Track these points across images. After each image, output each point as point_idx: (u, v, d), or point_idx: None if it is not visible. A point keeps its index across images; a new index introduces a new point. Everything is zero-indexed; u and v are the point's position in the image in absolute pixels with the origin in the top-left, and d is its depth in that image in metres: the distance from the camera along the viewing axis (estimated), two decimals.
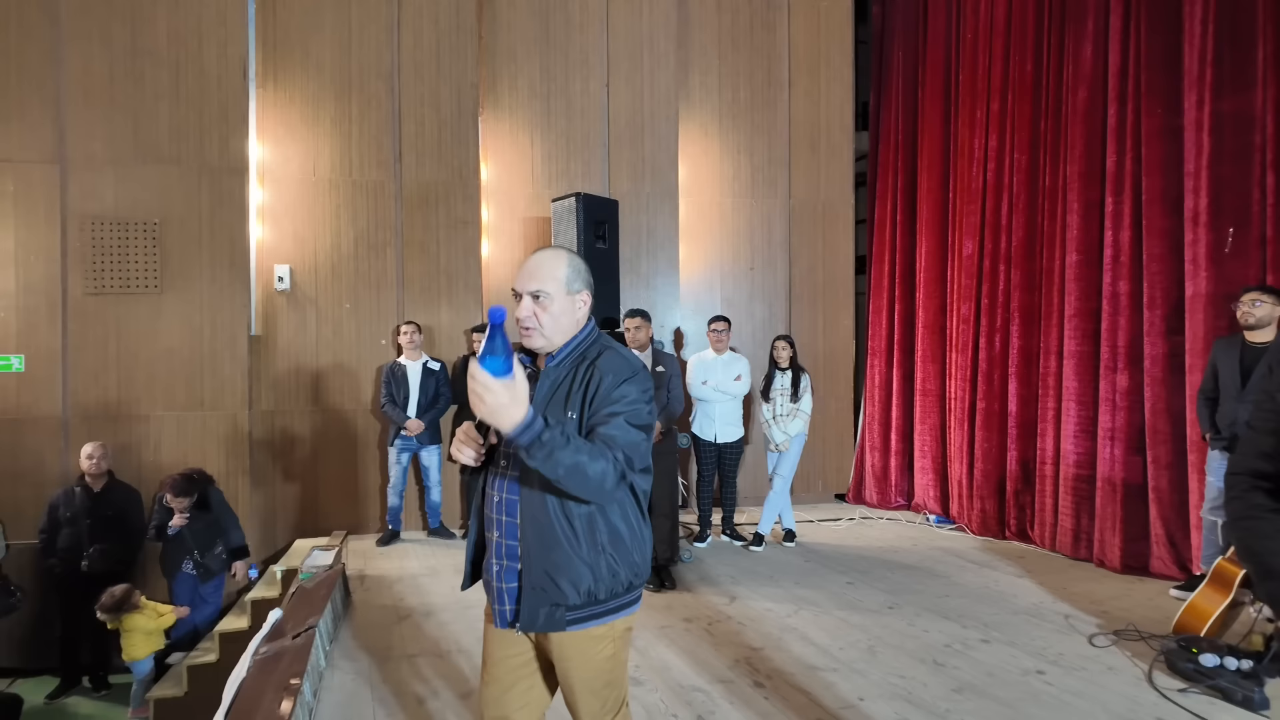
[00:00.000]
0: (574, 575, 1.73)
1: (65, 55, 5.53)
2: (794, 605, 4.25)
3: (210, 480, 5.33)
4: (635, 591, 1.85)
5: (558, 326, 1.79)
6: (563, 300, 1.78)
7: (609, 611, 1.79)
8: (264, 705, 2.77)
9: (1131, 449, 4.87)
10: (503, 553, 1.80)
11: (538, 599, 1.75)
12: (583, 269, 1.85)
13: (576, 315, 1.82)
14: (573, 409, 1.74)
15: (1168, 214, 4.74)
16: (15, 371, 5.47)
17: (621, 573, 1.78)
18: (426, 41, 6.18)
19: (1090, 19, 5.19)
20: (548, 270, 1.78)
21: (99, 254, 5.58)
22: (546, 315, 1.77)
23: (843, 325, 7.21)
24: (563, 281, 1.78)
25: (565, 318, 1.79)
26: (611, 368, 1.75)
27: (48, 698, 5.04)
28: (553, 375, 1.80)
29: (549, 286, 1.77)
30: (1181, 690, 3.14)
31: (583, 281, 1.83)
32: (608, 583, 1.77)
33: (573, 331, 1.82)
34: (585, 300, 1.83)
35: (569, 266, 1.81)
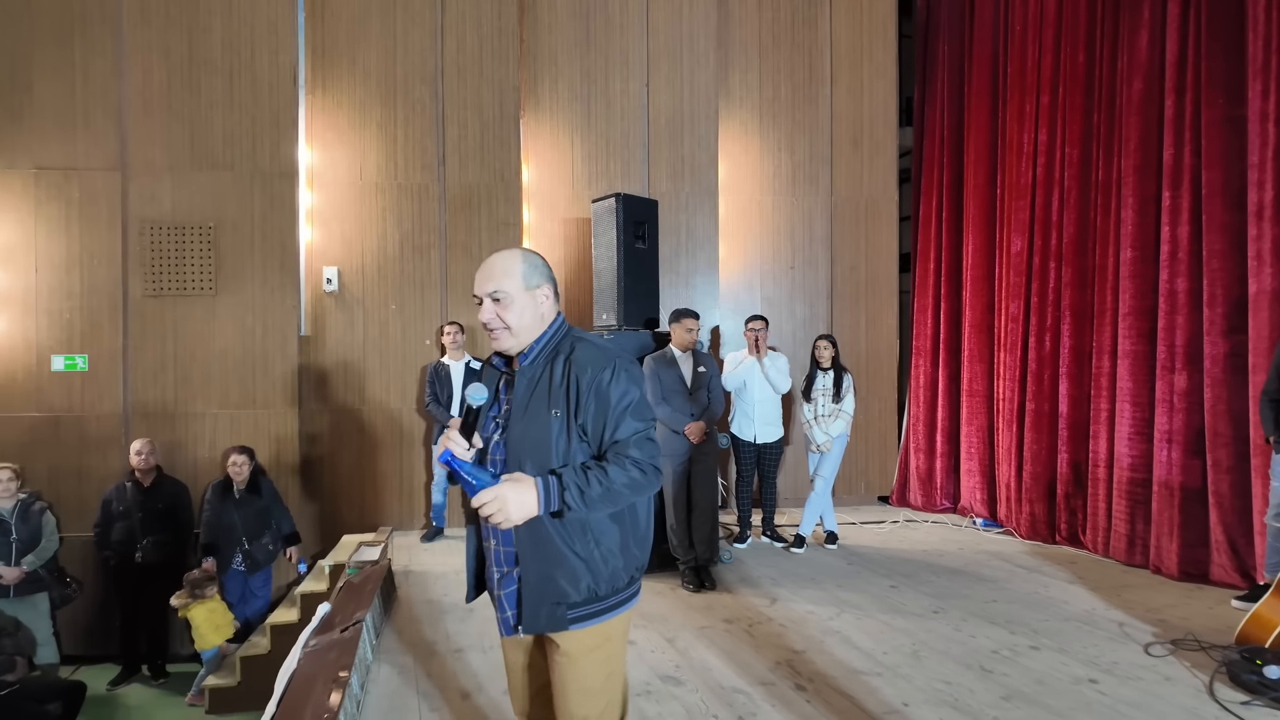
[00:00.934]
0: (571, 573, 1.74)
1: (127, 67, 5.75)
2: (836, 608, 4.20)
3: (262, 469, 5.53)
4: (635, 585, 1.86)
5: (522, 324, 1.80)
6: (522, 297, 1.79)
7: (610, 608, 1.79)
8: (314, 696, 2.84)
9: (1190, 452, 4.69)
10: (501, 559, 1.82)
11: (538, 598, 1.75)
12: (539, 263, 1.84)
13: (540, 310, 1.82)
14: (556, 406, 1.75)
15: (1229, 208, 4.55)
16: (80, 371, 5.71)
17: (620, 567, 1.79)
18: (469, 45, 6.27)
19: (1146, 7, 5.02)
20: (501, 269, 1.80)
21: (157, 257, 5.79)
22: (509, 314, 1.78)
23: (886, 324, 7.10)
24: (519, 278, 1.79)
25: (528, 313, 1.80)
26: (590, 361, 1.75)
27: (109, 685, 5.25)
28: (528, 374, 1.81)
29: (506, 285, 1.78)
30: (1244, 703, 3.01)
31: (541, 275, 1.83)
32: (606, 579, 1.78)
33: (540, 328, 1.83)
34: (547, 294, 1.83)
35: (524, 263, 1.81)
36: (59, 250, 5.70)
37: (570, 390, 1.74)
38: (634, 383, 1.78)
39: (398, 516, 6.19)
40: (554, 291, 1.86)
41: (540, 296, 1.82)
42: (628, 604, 1.84)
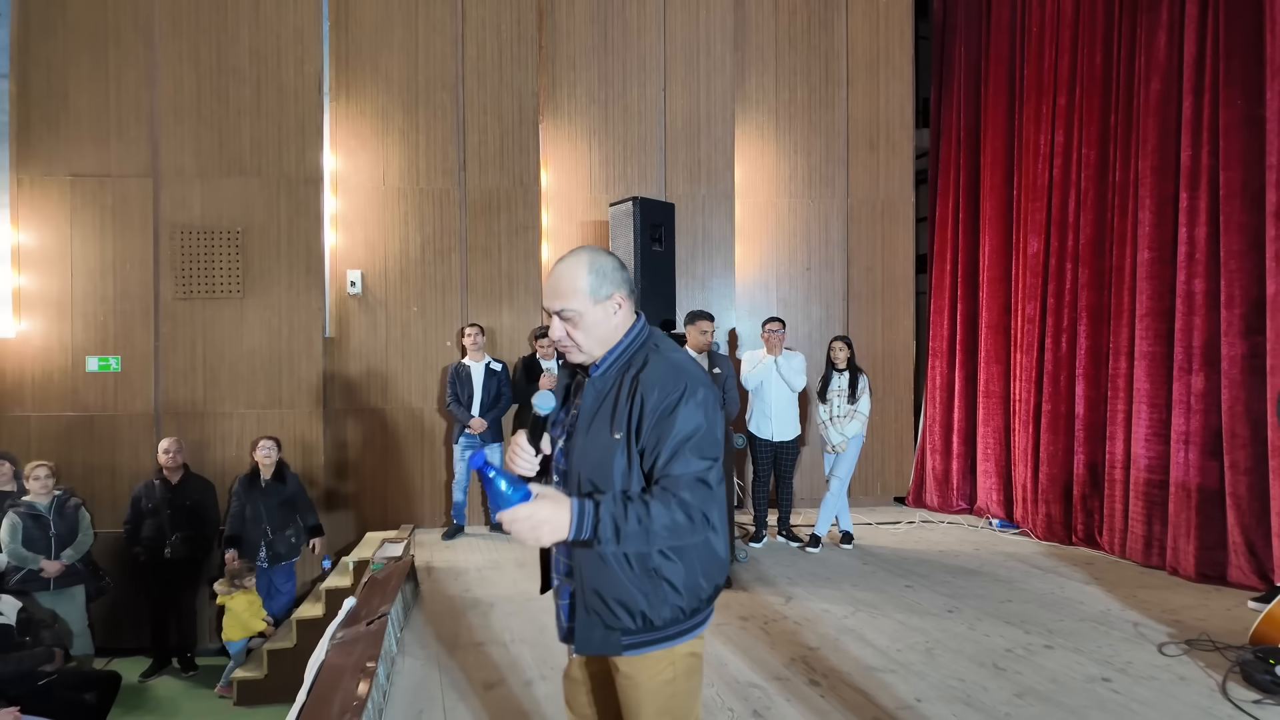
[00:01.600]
0: (627, 599, 1.63)
1: (159, 76, 5.92)
2: (851, 606, 4.25)
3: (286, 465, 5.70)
4: (699, 616, 1.70)
5: (594, 338, 1.68)
6: (592, 312, 1.66)
7: (668, 638, 1.66)
8: (343, 686, 2.94)
9: (1207, 453, 4.69)
10: (560, 568, 1.74)
11: (591, 621, 1.65)
12: (609, 269, 1.69)
13: (614, 321, 1.69)
14: (619, 429, 1.61)
15: (1247, 209, 4.55)
16: (113, 371, 5.88)
17: (682, 598, 1.65)
18: (489, 52, 6.38)
19: (1164, 7, 5.02)
20: (568, 284, 1.66)
21: (187, 261, 5.95)
22: (579, 332, 1.67)
23: (903, 325, 7.12)
24: (586, 293, 1.66)
25: (600, 328, 1.68)
26: (657, 382, 1.61)
27: (141, 676, 5.41)
28: (597, 386, 1.70)
29: (573, 303, 1.65)
30: (1257, 702, 3.03)
31: (611, 283, 1.68)
32: (664, 609, 1.65)
33: (615, 338, 1.70)
34: (620, 302, 1.69)
35: (590, 273, 1.66)
36: (93, 255, 5.88)
37: (634, 411, 1.60)
38: (703, 411, 1.60)
39: (420, 514, 6.31)
40: (628, 294, 1.70)
41: (612, 307, 1.68)
42: (690, 634, 1.69)
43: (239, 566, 5.32)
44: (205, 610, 5.92)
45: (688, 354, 1.77)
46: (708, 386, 1.66)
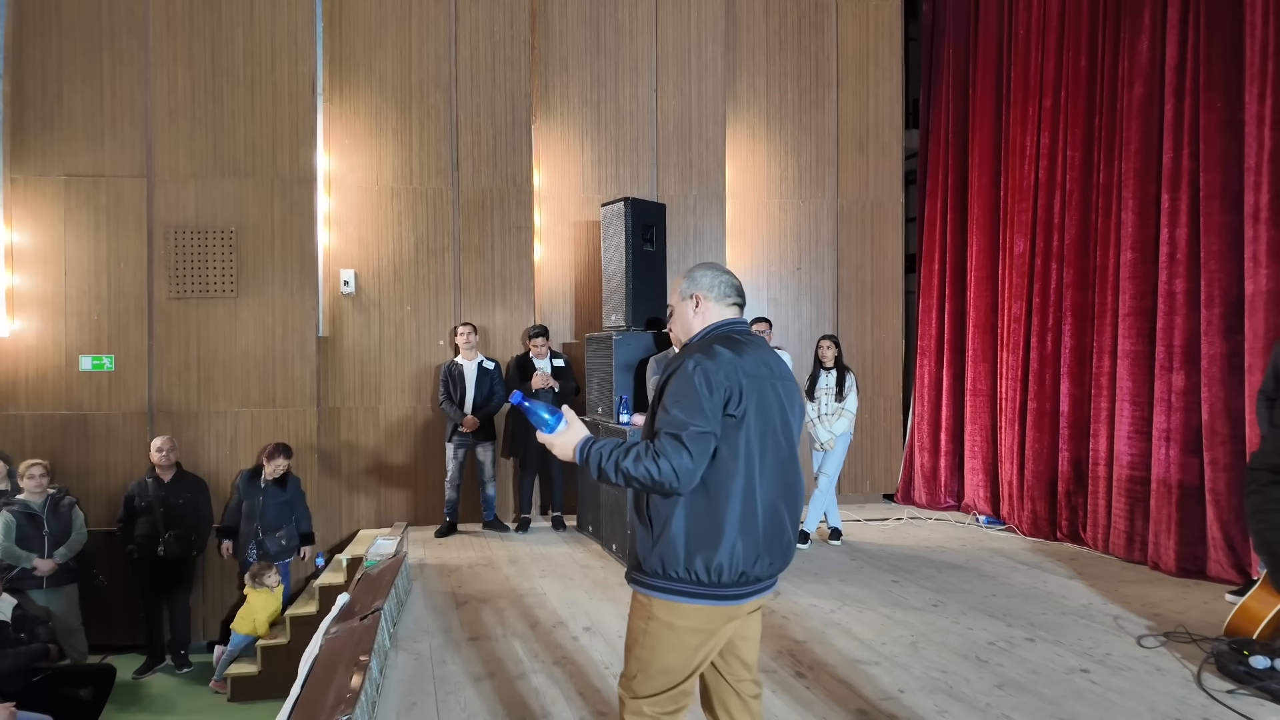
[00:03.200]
0: (637, 542, 1.96)
1: (153, 77, 5.95)
2: (838, 601, 4.32)
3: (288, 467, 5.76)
4: (675, 584, 1.88)
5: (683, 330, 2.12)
6: (679, 307, 2.12)
7: (652, 587, 1.92)
8: (336, 679, 2.99)
9: (1188, 450, 4.78)
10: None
11: (629, 549, 2.03)
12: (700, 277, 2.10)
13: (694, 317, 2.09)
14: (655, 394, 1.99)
15: (1227, 210, 4.63)
16: (107, 370, 5.91)
17: (674, 557, 1.87)
18: (482, 53, 6.43)
19: (1146, 12, 5.11)
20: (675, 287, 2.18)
21: (181, 261, 5.98)
22: (674, 323, 2.15)
23: (892, 324, 7.20)
24: (679, 292, 2.13)
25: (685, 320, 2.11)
26: (681, 355, 1.94)
27: (135, 674, 5.44)
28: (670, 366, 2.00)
29: (671, 300, 2.17)
30: (1230, 692, 3.11)
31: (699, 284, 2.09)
32: (651, 558, 1.92)
33: (697, 328, 2.09)
34: (699, 300, 2.08)
35: (687, 279, 2.13)
36: (87, 254, 5.91)
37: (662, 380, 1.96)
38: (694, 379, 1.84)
39: (413, 512, 6.36)
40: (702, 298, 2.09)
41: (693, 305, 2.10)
42: (670, 596, 1.88)
43: (258, 567, 5.41)
44: (199, 607, 5.96)
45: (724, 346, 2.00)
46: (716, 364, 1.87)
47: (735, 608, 1.93)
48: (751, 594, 1.95)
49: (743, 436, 1.87)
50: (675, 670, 1.93)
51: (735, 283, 2.11)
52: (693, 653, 1.93)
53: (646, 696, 1.95)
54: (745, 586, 1.92)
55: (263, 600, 5.35)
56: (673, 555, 1.87)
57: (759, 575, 1.93)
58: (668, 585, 1.89)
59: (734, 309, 2.10)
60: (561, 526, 6.10)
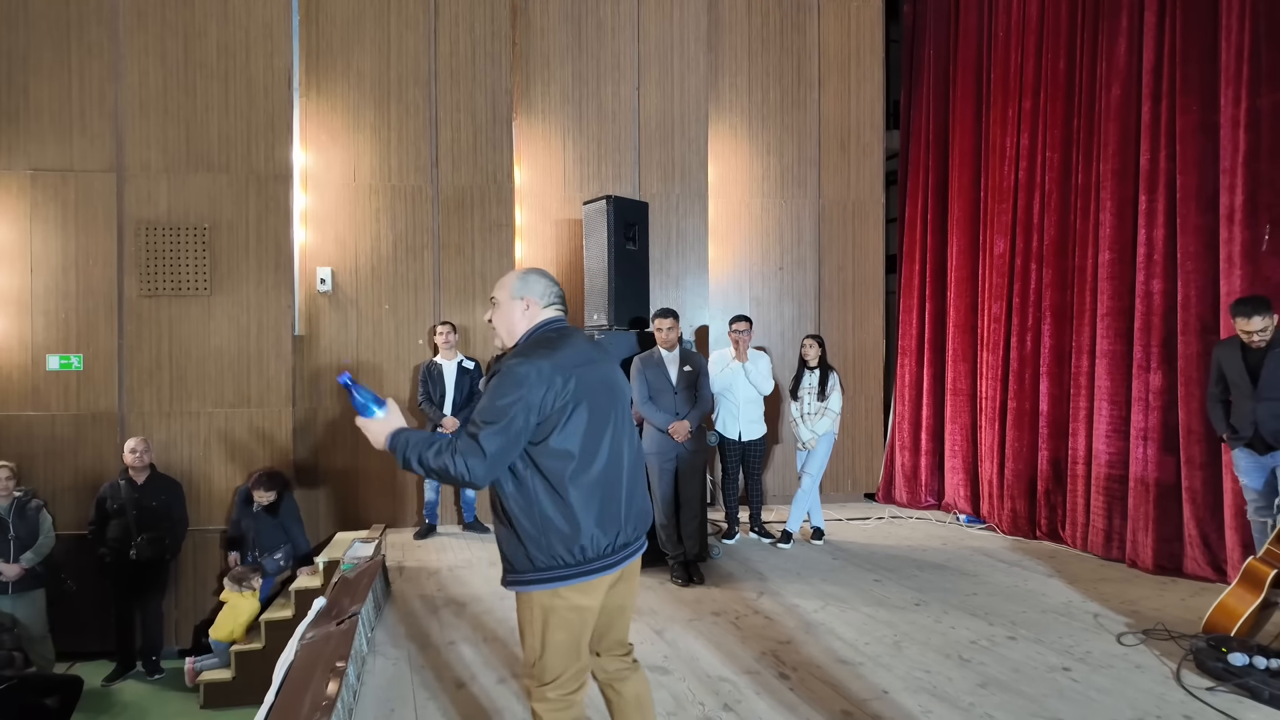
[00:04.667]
0: (507, 541, 2.10)
1: (123, 70, 5.81)
2: (821, 601, 4.31)
3: (287, 486, 5.69)
4: (546, 573, 2.05)
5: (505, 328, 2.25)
6: (507, 304, 2.22)
7: (524, 584, 2.07)
8: (312, 686, 2.92)
9: (1165, 449, 4.83)
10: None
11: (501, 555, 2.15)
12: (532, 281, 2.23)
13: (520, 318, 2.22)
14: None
15: (1203, 211, 4.69)
16: (75, 370, 5.77)
17: (528, 550, 2.05)
18: (463, 49, 6.36)
19: (1124, 15, 5.16)
20: (501, 281, 2.28)
21: (153, 258, 5.85)
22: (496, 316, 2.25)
23: (873, 324, 7.22)
24: (509, 289, 2.22)
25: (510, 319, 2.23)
26: (499, 367, 2.07)
27: (105, 680, 5.31)
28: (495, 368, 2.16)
29: (498, 294, 2.25)
30: (1209, 689, 3.14)
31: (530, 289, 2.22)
32: (518, 557, 2.07)
33: (520, 330, 2.22)
34: (527, 304, 2.21)
35: (518, 280, 2.24)
36: (55, 251, 5.76)
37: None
38: (500, 385, 2.01)
39: (391, 514, 6.27)
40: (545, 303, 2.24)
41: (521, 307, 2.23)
42: (546, 585, 2.05)
43: (243, 570, 5.31)
44: (172, 612, 5.83)
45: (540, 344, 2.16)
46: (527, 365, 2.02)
47: (607, 577, 2.11)
48: (619, 561, 2.14)
49: (575, 425, 2.04)
50: (567, 649, 2.09)
51: (560, 291, 2.30)
52: (580, 628, 2.11)
53: (549, 682, 2.09)
54: (611, 557, 2.11)
55: (243, 605, 5.24)
56: (537, 548, 2.04)
57: (624, 543, 2.15)
58: (540, 575, 2.05)
59: (555, 310, 2.26)
60: None
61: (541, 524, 2.03)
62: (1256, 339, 3.86)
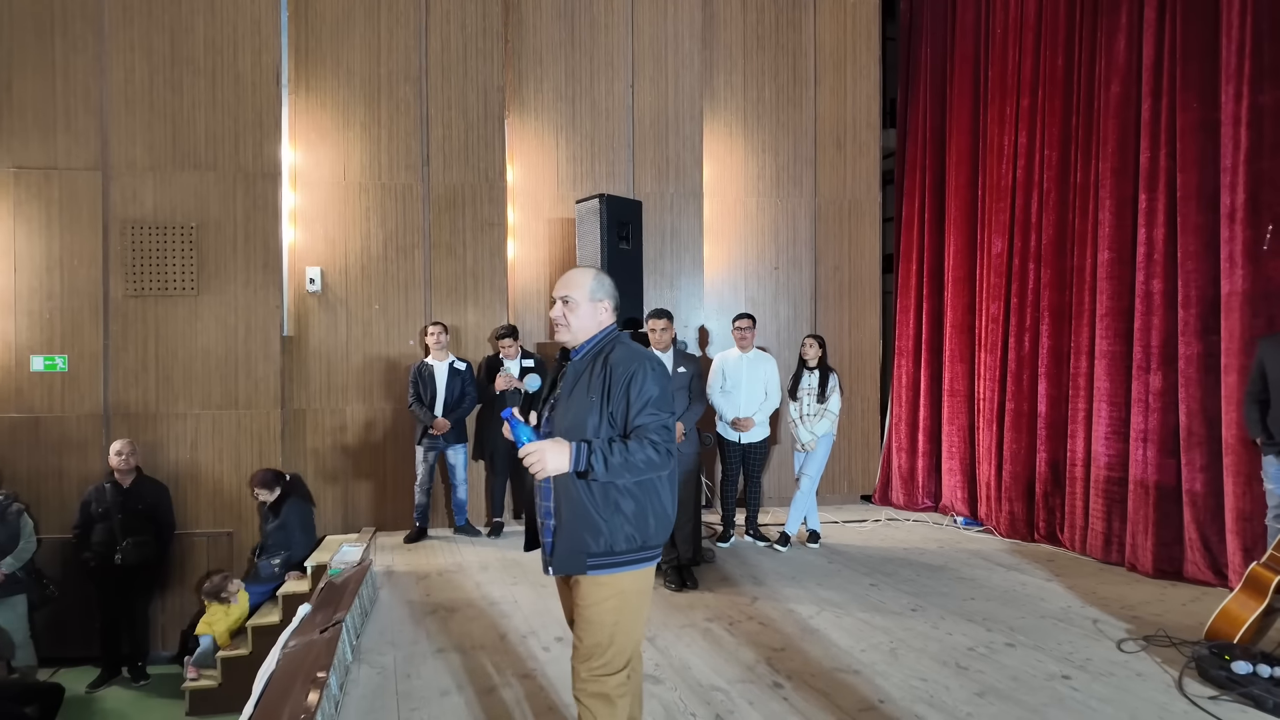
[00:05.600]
0: (594, 529, 2.13)
1: (108, 66, 5.72)
2: (816, 606, 4.24)
3: (291, 492, 5.55)
4: (648, 553, 2.19)
5: (581, 327, 2.27)
6: (585, 305, 2.26)
7: (621, 564, 2.15)
8: (292, 696, 2.84)
9: (1165, 451, 4.76)
10: (543, 512, 2.25)
11: (565, 547, 2.16)
12: (607, 285, 2.31)
13: (598, 319, 2.28)
14: (594, 394, 2.17)
15: (1203, 210, 4.62)
16: (60, 371, 5.67)
17: (634, 533, 2.16)
18: (454, 46, 6.27)
19: (1123, 11, 5.09)
20: (577, 280, 2.29)
21: (139, 257, 5.75)
22: (573, 316, 2.26)
23: (869, 324, 7.15)
24: (587, 290, 2.27)
25: (588, 320, 2.27)
26: (620, 359, 2.18)
27: (89, 687, 5.22)
28: (574, 369, 2.26)
29: (575, 294, 2.26)
30: (1212, 697, 3.07)
31: (606, 294, 2.29)
32: (620, 538, 2.14)
33: (593, 330, 2.28)
34: (605, 308, 2.29)
35: (595, 281, 2.29)
36: (39, 250, 5.66)
37: (606, 380, 2.16)
38: (655, 381, 2.16)
39: (381, 517, 6.18)
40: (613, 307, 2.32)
41: (600, 309, 2.29)
42: (638, 565, 2.18)
43: (218, 582, 5.22)
44: (159, 617, 5.75)
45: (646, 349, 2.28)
46: (658, 363, 2.22)
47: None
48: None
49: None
50: (637, 633, 2.23)
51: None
52: (646, 611, 2.26)
53: (616, 673, 2.16)
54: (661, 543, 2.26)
55: (220, 614, 5.15)
56: (634, 528, 2.15)
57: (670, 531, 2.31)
58: (635, 556, 2.17)
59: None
60: None
61: (646, 504, 2.16)
62: None
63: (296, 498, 5.57)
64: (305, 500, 5.68)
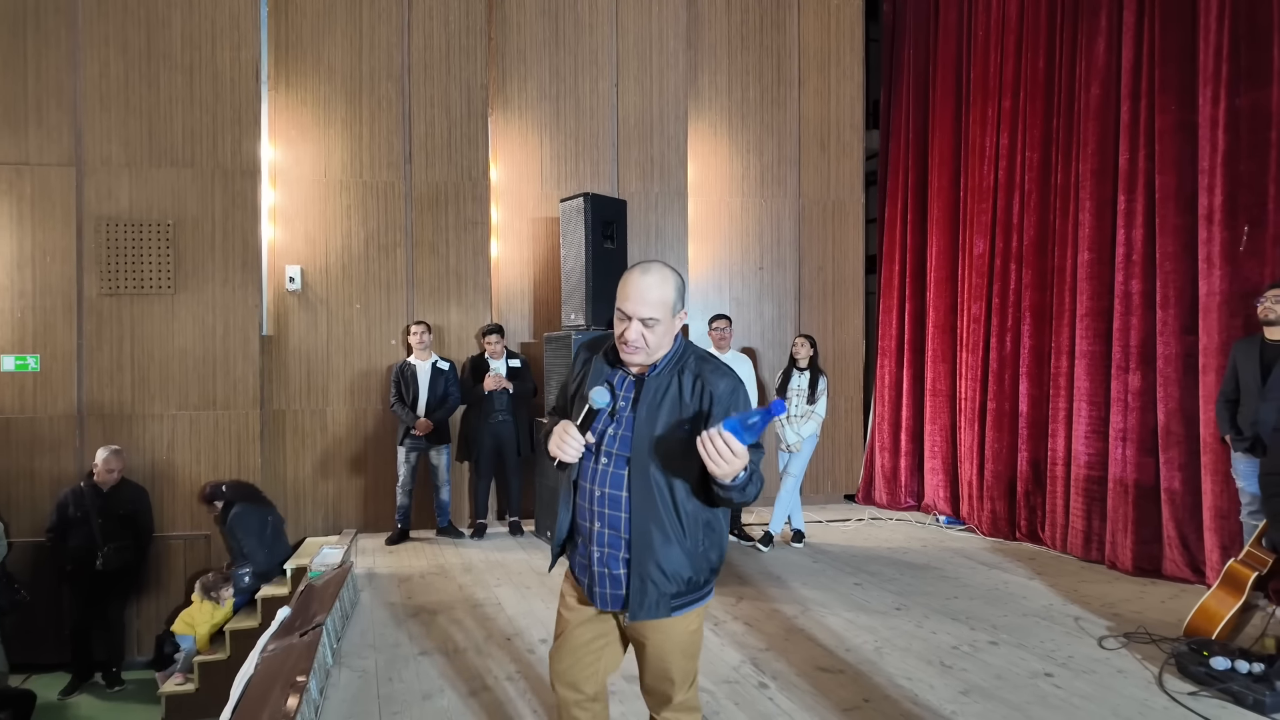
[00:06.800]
0: (679, 567, 1.89)
1: (83, 60, 5.61)
2: (801, 606, 4.24)
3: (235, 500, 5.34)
4: (709, 585, 2.01)
5: (660, 345, 1.89)
6: (668, 322, 1.88)
7: (702, 596, 1.97)
8: (270, 701, 2.79)
9: (1144, 450, 4.81)
10: (604, 541, 1.93)
11: (648, 589, 1.88)
12: (683, 287, 1.94)
13: (675, 332, 1.94)
14: (687, 417, 1.85)
15: (1182, 212, 4.67)
16: (32, 371, 5.55)
17: (714, 559, 1.97)
18: (437, 43, 6.22)
19: (1103, 14, 5.14)
20: (658, 295, 1.86)
21: (114, 255, 5.65)
22: (653, 336, 1.86)
23: (853, 325, 7.17)
24: (670, 306, 1.87)
25: (667, 336, 1.90)
26: (720, 377, 1.89)
27: (61, 694, 5.11)
28: (655, 384, 1.90)
29: (659, 313, 1.85)
30: (1192, 694, 3.10)
31: (683, 300, 1.94)
32: (704, 571, 1.95)
33: (669, 345, 1.93)
34: (684, 317, 1.96)
35: (675, 291, 1.89)
36: (10, 248, 5.54)
37: (705, 402, 1.86)
38: (748, 400, 1.93)
39: (363, 519, 6.11)
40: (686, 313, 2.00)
41: (679, 320, 1.93)
42: (708, 598, 2.01)
43: (215, 578, 5.14)
44: (134, 622, 5.64)
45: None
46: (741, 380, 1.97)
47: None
48: None
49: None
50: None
51: None
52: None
53: (698, 707, 2.07)
54: None
55: (205, 614, 5.07)
56: (705, 560, 1.94)
57: None
58: (709, 589, 1.99)
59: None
60: (519, 532, 5.92)
61: (713, 533, 1.96)
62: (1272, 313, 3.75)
63: (242, 505, 5.30)
64: (253, 504, 5.38)
